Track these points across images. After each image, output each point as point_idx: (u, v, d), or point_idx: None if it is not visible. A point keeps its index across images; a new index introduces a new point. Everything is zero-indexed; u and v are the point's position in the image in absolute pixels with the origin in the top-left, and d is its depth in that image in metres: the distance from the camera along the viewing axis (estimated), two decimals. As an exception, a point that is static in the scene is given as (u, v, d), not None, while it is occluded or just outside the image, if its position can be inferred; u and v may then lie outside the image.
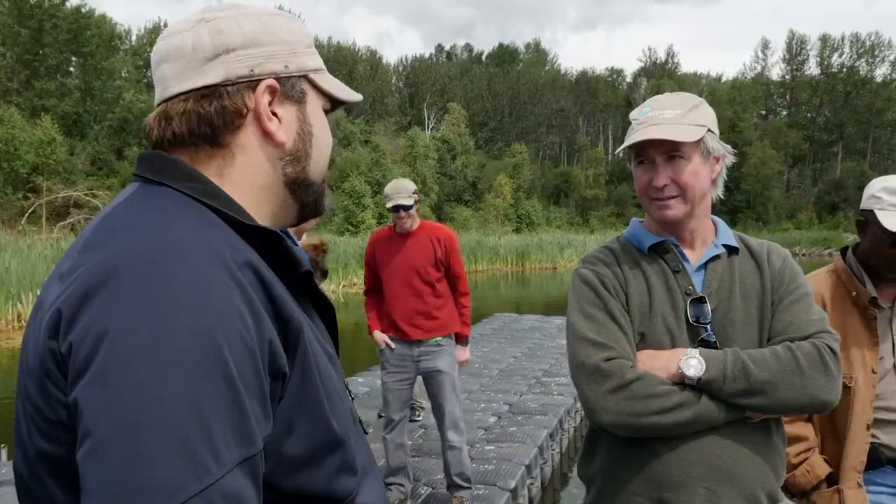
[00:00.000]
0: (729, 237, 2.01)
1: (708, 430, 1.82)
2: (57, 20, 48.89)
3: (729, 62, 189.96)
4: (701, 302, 1.90)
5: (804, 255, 54.13)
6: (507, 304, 22.69)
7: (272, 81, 1.07)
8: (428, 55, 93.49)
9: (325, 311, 1.17)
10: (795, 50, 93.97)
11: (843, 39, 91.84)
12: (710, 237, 2.00)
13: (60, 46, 49.36)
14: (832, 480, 2.50)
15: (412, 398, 5.37)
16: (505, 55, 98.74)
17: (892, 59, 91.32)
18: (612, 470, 1.94)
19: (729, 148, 1.98)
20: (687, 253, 1.97)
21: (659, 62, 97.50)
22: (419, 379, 5.27)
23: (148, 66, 61.07)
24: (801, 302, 1.93)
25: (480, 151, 70.11)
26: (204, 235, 0.94)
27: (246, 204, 1.07)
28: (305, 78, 1.12)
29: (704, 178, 1.91)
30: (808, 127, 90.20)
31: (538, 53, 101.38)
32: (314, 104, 1.14)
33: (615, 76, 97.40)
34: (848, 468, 2.46)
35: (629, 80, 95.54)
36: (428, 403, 5.74)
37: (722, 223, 2.04)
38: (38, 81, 47.97)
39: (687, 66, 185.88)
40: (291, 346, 0.96)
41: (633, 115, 1.96)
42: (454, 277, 5.09)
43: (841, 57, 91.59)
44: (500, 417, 7.59)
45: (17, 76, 48.19)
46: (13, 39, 47.74)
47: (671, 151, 1.88)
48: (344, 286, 28.13)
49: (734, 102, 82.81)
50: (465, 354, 5.10)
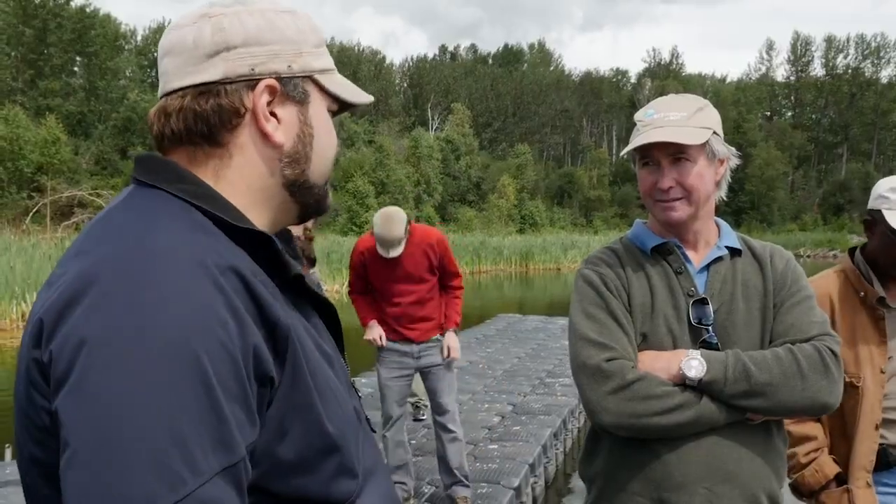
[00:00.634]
0: (732, 239, 2.01)
1: (708, 430, 1.82)
2: (61, 20, 49.07)
3: (734, 63, 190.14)
4: (703, 303, 1.90)
5: (808, 256, 54.07)
6: (510, 304, 22.68)
7: (272, 81, 1.05)
8: (432, 56, 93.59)
9: (325, 310, 1.15)
10: (800, 51, 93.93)
11: (848, 40, 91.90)
12: (713, 239, 2.00)
13: (65, 46, 49.56)
14: (841, 480, 2.49)
15: (410, 394, 5.34)
16: (510, 56, 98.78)
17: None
18: (612, 470, 1.93)
19: (734, 150, 1.98)
20: (689, 254, 1.97)
21: (663, 63, 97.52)
22: (417, 377, 5.25)
23: (152, 65, 61.36)
24: (802, 304, 1.93)
25: (484, 152, 70.16)
26: (187, 241, 0.92)
27: (243, 205, 1.06)
28: (310, 79, 1.10)
29: (709, 180, 1.92)
30: (812, 128, 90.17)
31: (543, 54, 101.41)
32: (318, 105, 1.11)
33: (619, 77, 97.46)
34: (857, 468, 2.45)
35: (633, 80, 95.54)
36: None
37: (725, 225, 2.04)
38: (42, 81, 48.13)
39: (692, 66, 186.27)
40: (279, 349, 0.95)
41: (637, 116, 1.96)
42: (449, 275, 5.06)
43: (846, 58, 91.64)
44: (503, 417, 7.58)
45: (21, 76, 48.35)
46: (17, 39, 47.91)
47: (677, 154, 1.88)
48: (346, 286, 28.13)
49: (739, 103, 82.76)
50: (454, 341, 5.03)
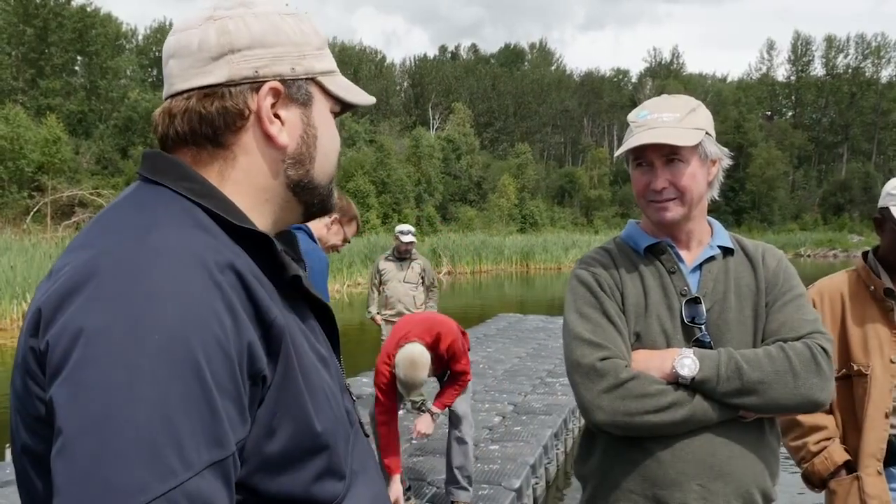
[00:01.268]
0: (724, 238, 2.03)
1: (702, 428, 1.84)
2: (62, 19, 48.98)
3: (734, 63, 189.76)
4: (696, 302, 1.92)
5: (809, 256, 54.04)
6: (511, 304, 22.70)
7: (276, 84, 1.07)
8: (432, 56, 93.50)
9: (322, 313, 1.16)
10: (801, 51, 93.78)
11: (848, 40, 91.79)
12: (705, 238, 2.02)
13: (66, 45, 49.47)
14: (851, 469, 2.50)
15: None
16: (511, 55, 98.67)
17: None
18: (607, 469, 1.95)
19: (726, 151, 2.00)
20: (682, 254, 1.99)
21: (664, 63, 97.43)
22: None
23: (153, 65, 61.43)
24: (794, 303, 1.94)
25: (485, 151, 70.10)
26: (187, 238, 0.93)
27: (247, 205, 1.07)
28: (313, 81, 1.11)
29: (702, 180, 1.93)
30: (813, 128, 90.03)
31: (544, 53, 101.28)
32: (321, 107, 1.13)
33: (621, 76, 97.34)
34: (866, 455, 2.47)
35: (634, 80, 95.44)
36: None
37: (718, 224, 2.06)
38: (43, 80, 48.06)
39: (692, 66, 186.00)
40: (273, 349, 0.95)
41: (630, 117, 1.97)
42: (456, 373, 5.02)
43: (846, 58, 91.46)
44: (504, 417, 7.59)
45: (22, 75, 48.29)
46: (18, 38, 47.85)
47: (670, 155, 1.89)
48: (348, 286, 28.16)
49: (739, 103, 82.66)
50: (428, 425, 5.01)
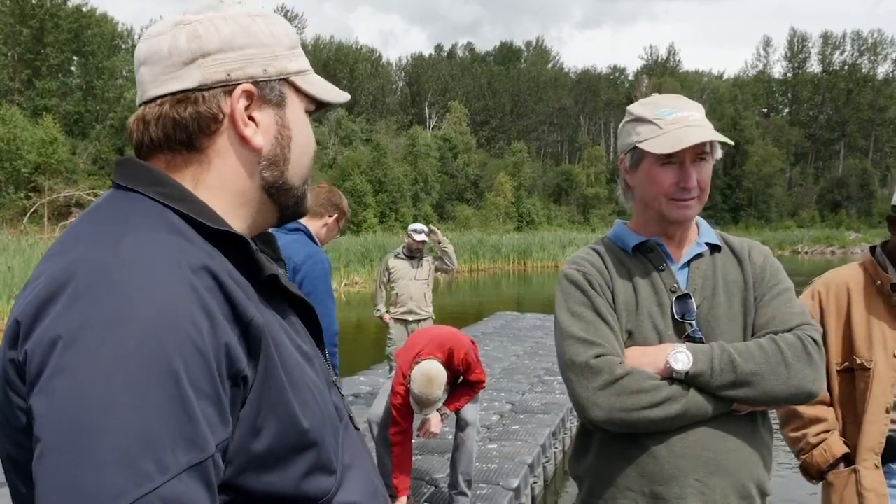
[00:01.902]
0: (711, 235, 2.05)
1: (697, 423, 1.85)
2: (58, 20, 48.94)
3: (731, 60, 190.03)
4: (686, 298, 1.93)
5: (806, 253, 54.03)
6: (508, 302, 22.71)
7: (249, 86, 1.06)
8: (428, 54, 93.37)
9: (302, 309, 1.16)
10: (797, 47, 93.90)
11: (844, 37, 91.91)
12: (693, 236, 2.04)
13: (62, 46, 49.41)
14: (850, 462, 2.50)
15: None
16: (507, 53, 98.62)
17: (894, 56, 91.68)
18: (603, 466, 1.95)
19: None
20: (671, 251, 2.00)
21: (660, 60, 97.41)
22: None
23: (149, 65, 61.07)
24: (782, 296, 1.96)
25: (482, 150, 70.10)
26: (160, 242, 0.93)
27: (222, 208, 1.07)
28: (286, 81, 1.11)
29: None
30: (809, 125, 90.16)
31: (540, 52, 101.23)
32: (295, 107, 1.12)
33: (617, 74, 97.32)
34: (865, 449, 2.46)
35: (631, 78, 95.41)
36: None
37: (703, 222, 2.08)
38: (39, 81, 48.02)
39: (689, 63, 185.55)
40: (253, 348, 0.95)
41: (651, 115, 1.94)
42: (472, 382, 5.05)
43: (843, 54, 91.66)
44: (502, 416, 7.59)
45: (18, 76, 48.23)
46: (14, 39, 47.79)
47: (701, 153, 1.91)
48: (346, 285, 28.15)
49: (736, 100, 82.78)
50: (436, 423, 4.95)
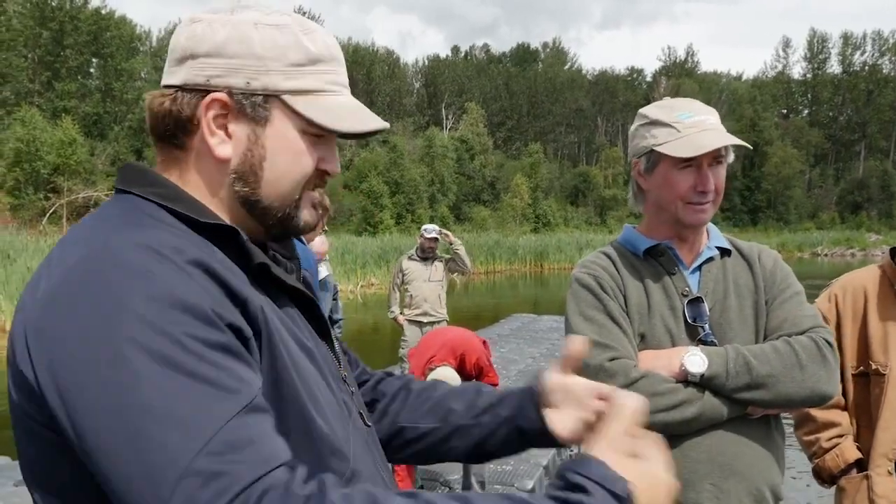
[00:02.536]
0: (720, 240, 2.06)
1: (711, 427, 1.85)
2: (78, 22, 49.40)
3: (750, 61, 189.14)
4: (698, 302, 1.94)
5: (826, 255, 53.69)
6: (525, 304, 22.64)
7: (222, 95, 1.05)
8: (444, 56, 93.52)
9: (303, 302, 1.14)
10: (817, 48, 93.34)
11: (864, 37, 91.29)
12: (703, 240, 2.05)
13: (81, 48, 49.86)
14: (863, 468, 2.47)
15: None
16: (525, 55, 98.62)
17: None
18: None
19: None
20: (681, 255, 2.01)
21: (679, 61, 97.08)
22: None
23: (168, 67, 61.68)
24: (793, 300, 1.97)
25: (498, 151, 70.17)
26: (150, 238, 0.94)
27: (210, 207, 1.08)
28: (277, 98, 1.06)
29: None
30: (829, 126, 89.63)
31: (557, 53, 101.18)
32: (282, 126, 1.07)
33: (635, 75, 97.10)
34: (878, 455, 2.43)
35: (649, 79, 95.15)
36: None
37: (713, 226, 2.09)
38: (59, 83, 48.47)
39: (707, 64, 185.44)
40: (253, 325, 0.96)
41: (669, 118, 1.93)
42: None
43: (863, 55, 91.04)
44: (517, 418, 7.52)
45: (38, 78, 48.72)
46: (35, 41, 48.29)
47: (717, 157, 1.92)
48: (362, 286, 28.18)
49: (755, 101, 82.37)
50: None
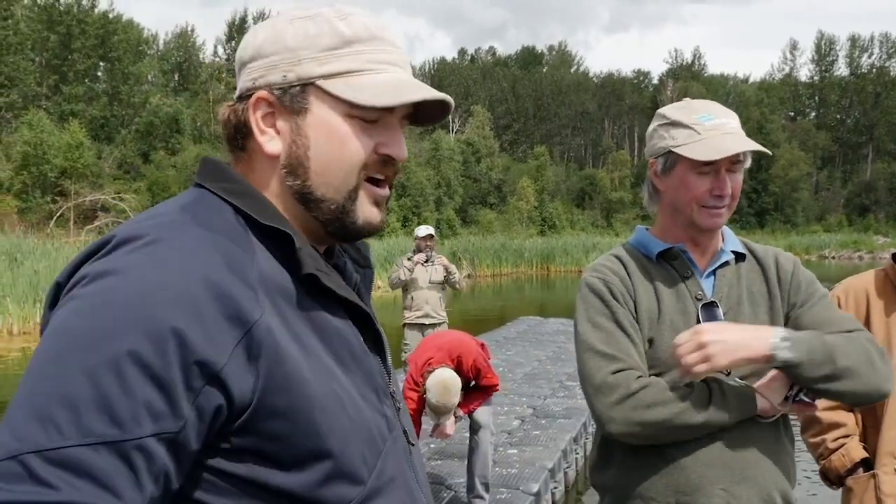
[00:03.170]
0: (736, 244, 2.03)
1: (721, 431, 1.82)
2: (85, 26, 49.58)
3: (757, 63, 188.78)
4: (713, 307, 1.90)
5: (834, 258, 53.52)
6: (531, 307, 22.62)
7: (264, 93, 1.08)
8: (451, 58, 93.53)
9: (357, 314, 1.13)
10: (824, 50, 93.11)
11: (872, 39, 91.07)
12: (718, 243, 2.01)
13: (88, 52, 50.04)
14: (869, 467, 2.46)
15: None
16: (529, 57, 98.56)
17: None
18: (627, 478, 1.91)
19: None
20: (695, 259, 1.98)
21: (685, 64, 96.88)
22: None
23: (174, 70, 61.92)
24: (824, 301, 1.95)
25: (505, 154, 70.11)
26: (190, 240, 0.96)
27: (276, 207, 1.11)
28: (313, 85, 1.07)
29: None
30: (837, 128, 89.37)
31: (562, 55, 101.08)
32: (322, 113, 1.07)
33: (641, 78, 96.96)
34: (884, 454, 2.42)
35: (655, 82, 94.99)
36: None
37: (728, 230, 2.05)
38: (66, 86, 48.63)
39: (714, 67, 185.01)
40: (254, 351, 0.94)
41: (688, 120, 1.90)
42: (486, 387, 5.07)
43: (871, 57, 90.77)
44: (523, 421, 7.52)
45: (45, 81, 48.89)
46: (42, 45, 48.51)
47: (736, 161, 1.89)
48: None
49: (762, 104, 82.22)
50: (451, 426, 4.88)
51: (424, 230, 8.32)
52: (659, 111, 2.01)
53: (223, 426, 0.93)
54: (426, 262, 8.03)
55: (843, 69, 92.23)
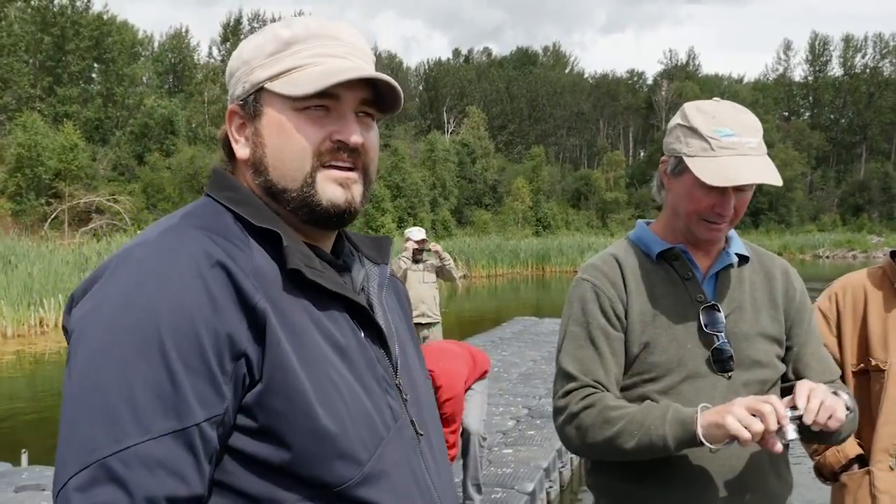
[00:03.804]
0: (740, 246, 1.98)
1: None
2: (79, 27, 49.41)
3: (751, 63, 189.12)
4: (714, 310, 1.86)
5: (828, 257, 53.62)
6: (527, 307, 22.62)
7: (233, 106, 1.20)
8: (445, 59, 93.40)
9: (352, 307, 1.16)
10: (818, 51, 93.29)
11: (866, 40, 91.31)
12: (721, 245, 1.97)
13: (83, 53, 49.85)
14: (864, 463, 2.46)
15: None
16: (524, 58, 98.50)
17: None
18: (626, 487, 1.88)
19: None
20: (697, 261, 1.93)
21: (680, 64, 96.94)
22: None
23: (168, 72, 61.80)
24: (816, 333, 2.02)
25: (500, 154, 70.08)
26: (188, 238, 1.05)
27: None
28: (263, 89, 1.16)
29: None
30: (831, 128, 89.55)
31: (557, 56, 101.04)
32: (274, 113, 1.16)
33: (636, 79, 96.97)
34: (879, 450, 2.42)
35: (650, 82, 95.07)
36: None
37: (733, 232, 2.00)
38: (60, 88, 48.47)
39: (709, 67, 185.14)
40: (259, 332, 1.03)
41: (707, 130, 1.80)
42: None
43: (864, 57, 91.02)
44: (518, 421, 7.54)
45: (40, 83, 48.73)
46: (36, 46, 48.31)
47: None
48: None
49: (756, 104, 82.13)
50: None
51: (418, 234, 8.18)
52: (685, 106, 1.90)
53: (240, 403, 1.02)
54: (417, 262, 8.01)
55: (836, 69, 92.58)
